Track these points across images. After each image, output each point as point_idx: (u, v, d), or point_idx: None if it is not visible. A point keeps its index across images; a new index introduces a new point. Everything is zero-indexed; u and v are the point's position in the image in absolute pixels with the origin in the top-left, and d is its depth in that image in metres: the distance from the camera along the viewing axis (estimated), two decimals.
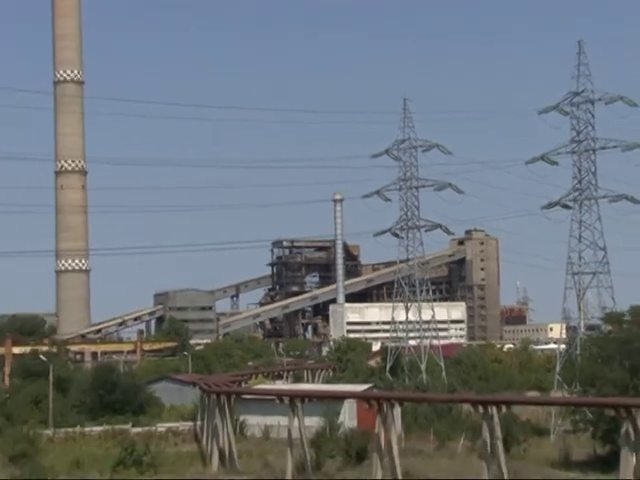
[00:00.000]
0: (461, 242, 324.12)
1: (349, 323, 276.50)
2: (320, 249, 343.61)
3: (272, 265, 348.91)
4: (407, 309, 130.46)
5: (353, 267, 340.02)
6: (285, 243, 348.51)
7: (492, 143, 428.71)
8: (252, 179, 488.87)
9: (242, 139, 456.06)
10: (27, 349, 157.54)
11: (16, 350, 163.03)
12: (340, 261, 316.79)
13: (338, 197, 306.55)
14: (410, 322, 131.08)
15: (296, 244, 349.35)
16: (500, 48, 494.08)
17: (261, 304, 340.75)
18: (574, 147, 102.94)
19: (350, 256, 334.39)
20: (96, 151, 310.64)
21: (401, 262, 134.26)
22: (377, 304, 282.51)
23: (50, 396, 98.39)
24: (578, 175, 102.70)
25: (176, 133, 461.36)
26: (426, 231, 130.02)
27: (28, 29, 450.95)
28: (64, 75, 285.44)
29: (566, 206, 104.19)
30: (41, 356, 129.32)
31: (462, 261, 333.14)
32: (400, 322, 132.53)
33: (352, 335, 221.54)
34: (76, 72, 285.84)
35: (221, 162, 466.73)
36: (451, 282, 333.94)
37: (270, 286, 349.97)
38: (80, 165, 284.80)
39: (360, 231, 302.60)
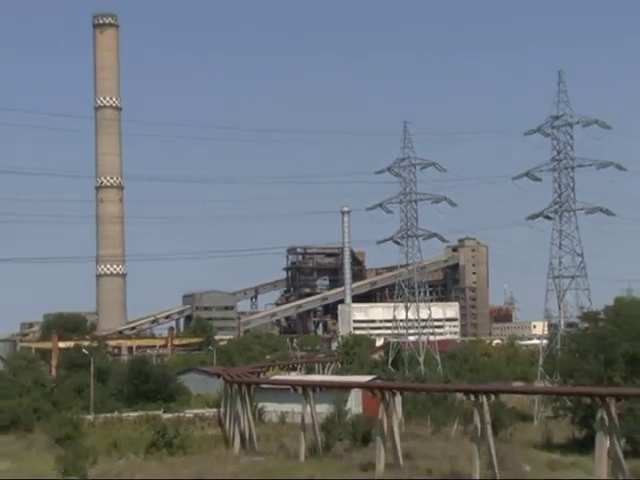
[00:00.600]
0: (455, 249, 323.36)
1: (355, 321, 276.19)
2: (330, 255, 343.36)
3: (287, 269, 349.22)
4: (407, 309, 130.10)
5: (359, 271, 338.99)
6: (299, 250, 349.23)
7: (482, 161, 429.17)
8: (269, 193, 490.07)
9: (262, 157, 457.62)
10: (71, 344, 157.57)
11: (61, 345, 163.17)
12: (347, 266, 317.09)
13: (345, 209, 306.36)
14: (409, 320, 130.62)
15: (308, 251, 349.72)
16: (490, 77, 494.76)
17: (277, 304, 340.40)
18: (555, 165, 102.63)
19: (356, 261, 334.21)
20: (131, 168, 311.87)
21: (401, 267, 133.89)
22: (380, 304, 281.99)
23: (91, 385, 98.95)
24: (558, 190, 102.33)
25: (202, 152, 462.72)
26: (424, 239, 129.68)
27: (73, 61, 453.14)
28: (104, 102, 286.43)
29: (548, 217, 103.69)
30: (83, 350, 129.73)
31: (456, 266, 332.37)
32: (401, 320, 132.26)
33: (358, 332, 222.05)
34: (114, 99, 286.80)
35: (242, 178, 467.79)
36: (446, 285, 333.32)
37: (285, 288, 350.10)
38: (117, 181, 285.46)
39: (365, 239, 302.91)
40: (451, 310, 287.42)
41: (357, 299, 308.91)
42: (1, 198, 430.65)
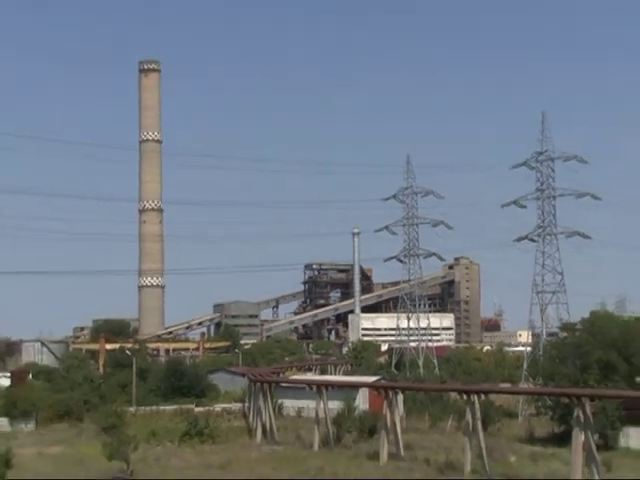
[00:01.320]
0: (451, 267, 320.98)
1: (363, 329, 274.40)
2: (341, 271, 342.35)
3: (304, 283, 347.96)
4: (409, 318, 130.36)
5: (367, 285, 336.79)
6: (314, 266, 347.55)
7: (475, 190, 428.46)
8: (290, 216, 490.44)
9: (283, 185, 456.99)
10: (116, 346, 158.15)
11: (108, 346, 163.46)
12: (357, 281, 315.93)
13: (356, 231, 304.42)
14: (411, 328, 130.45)
15: (323, 267, 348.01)
16: (483, 118, 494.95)
17: (295, 313, 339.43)
18: (538, 194, 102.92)
19: (365, 277, 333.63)
20: (170, 194, 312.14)
21: (404, 282, 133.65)
22: (385, 314, 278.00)
23: (133, 382, 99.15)
24: (541, 216, 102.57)
25: (231, 180, 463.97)
26: (424, 258, 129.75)
27: (122, 100, 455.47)
28: (147, 136, 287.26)
29: (532, 240, 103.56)
30: (127, 351, 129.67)
31: (451, 282, 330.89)
32: (403, 328, 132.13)
33: (366, 338, 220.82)
34: (156, 134, 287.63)
35: (266, 203, 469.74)
36: (443, 298, 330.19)
37: (303, 299, 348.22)
38: (158, 205, 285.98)
39: (373, 257, 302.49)
40: (447, 320, 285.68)
41: (365, 310, 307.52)
42: (59, 219, 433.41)
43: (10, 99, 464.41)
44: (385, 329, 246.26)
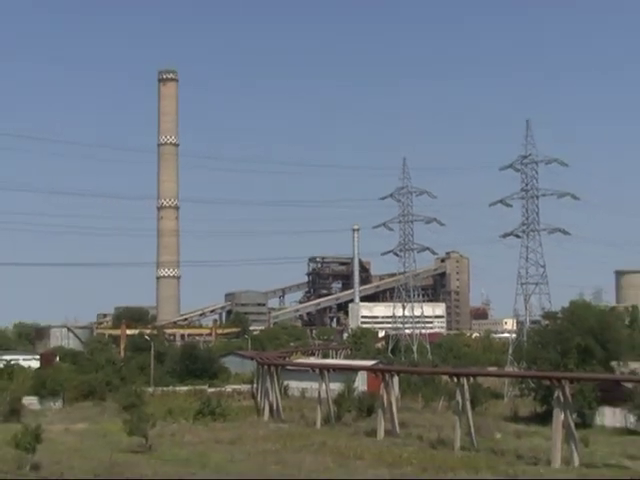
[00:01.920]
0: (442, 260, 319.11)
1: (362, 317, 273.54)
2: (342, 264, 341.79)
3: (309, 275, 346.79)
4: (404, 307, 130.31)
5: (366, 277, 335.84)
6: (318, 259, 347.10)
7: (465, 190, 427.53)
8: (296, 213, 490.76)
9: (289, 185, 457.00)
10: (136, 331, 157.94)
11: (128, 332, 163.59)
12: (356, 272, 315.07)
13: (356, 227, 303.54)
14: (405, 317, 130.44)
15: (326, 260, 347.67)
16: (473, 123, 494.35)
17: (300, 302, 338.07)
18: (523, 194, 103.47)
19: (364, 269, 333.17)
20: (185, 192, 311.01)
21: (400, 274, 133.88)
22: (383, 304, 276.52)
23: (151, 365, 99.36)
24: (526, 214, 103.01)
25: (242, 180, 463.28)
26: (418, 252, 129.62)
27: (141, 107, 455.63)
28: (164, 139, 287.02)
29: (517, 236, 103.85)
30: (145, 337, 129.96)
31: (443, 274, 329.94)
32: (399, 317, 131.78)
33: (364, 325, 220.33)
34: (173, 137, 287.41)
35: (273, 201, 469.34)
36: (435, 289, 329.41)
37: (307, 290, 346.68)
38: (174, 203, 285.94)
39: (371, 251, 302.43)
40: (439, 309, 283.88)
41: (364, 299, 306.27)
42: (83, 215, 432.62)
43: (45, 106, 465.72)
44: (382, 317, 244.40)
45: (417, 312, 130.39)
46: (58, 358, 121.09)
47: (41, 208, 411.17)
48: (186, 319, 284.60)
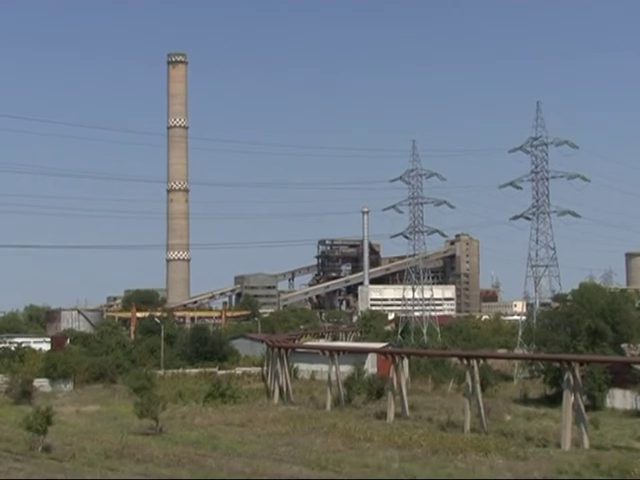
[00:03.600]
0: (452, 243, 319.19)
1: (372, 299, 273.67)
2: (352, 246, 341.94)
3: (318, 257, 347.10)
4: (413, 290, 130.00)
5: (375, 259, 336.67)
6: (327, 242, 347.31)
7: (475, 172, 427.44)
8: (306, 196, 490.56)
9: (299, 167, 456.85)
10: (146, 314, 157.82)
11: (138, 314, 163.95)
12: (366, 255, 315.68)
13: (365, 209, 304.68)
14: (415, 299, 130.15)
15: (335, 243, 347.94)
16: (484, 106, 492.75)
17: (310, 285, 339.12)
18: (533, 176, 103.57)
19: (373, 251, 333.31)
20: (195, 175, 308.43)
21: (410, 256, 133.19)
22: (392, 286, 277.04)
23: (162, 347, 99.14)
24: (536, 196, 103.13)
25: (252, 162, 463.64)
26: (427, 235, 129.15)
27: (151, 89, 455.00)
28: (174, 122, 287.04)
29: (527, 218, 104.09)
30: (155, 319, 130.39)
31: (453, 256, 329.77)
32: (408, 299, 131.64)
33: (374, 308, 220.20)
34: (183, 120, 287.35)
35: (284, 184, 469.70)
36: (445, 271, 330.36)
37: (316, 272, 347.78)
38: (184, 185, 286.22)
39: (381, 234, 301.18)
40: (449, 291, 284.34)
41: (373, 282, 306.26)
42: (94, 198, 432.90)
43: (55, 89, 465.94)
44: (392, 299, 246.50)
45: (427, 294, 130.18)
46: (69, 341, 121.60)
47: (52, 191, 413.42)
48: (196, 302, 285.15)
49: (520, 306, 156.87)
